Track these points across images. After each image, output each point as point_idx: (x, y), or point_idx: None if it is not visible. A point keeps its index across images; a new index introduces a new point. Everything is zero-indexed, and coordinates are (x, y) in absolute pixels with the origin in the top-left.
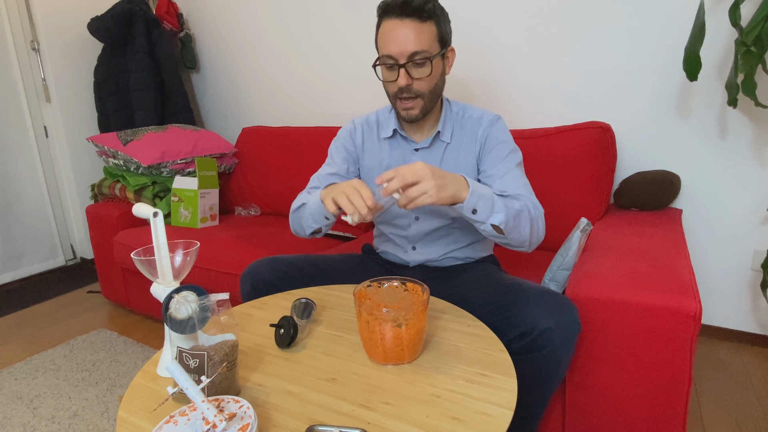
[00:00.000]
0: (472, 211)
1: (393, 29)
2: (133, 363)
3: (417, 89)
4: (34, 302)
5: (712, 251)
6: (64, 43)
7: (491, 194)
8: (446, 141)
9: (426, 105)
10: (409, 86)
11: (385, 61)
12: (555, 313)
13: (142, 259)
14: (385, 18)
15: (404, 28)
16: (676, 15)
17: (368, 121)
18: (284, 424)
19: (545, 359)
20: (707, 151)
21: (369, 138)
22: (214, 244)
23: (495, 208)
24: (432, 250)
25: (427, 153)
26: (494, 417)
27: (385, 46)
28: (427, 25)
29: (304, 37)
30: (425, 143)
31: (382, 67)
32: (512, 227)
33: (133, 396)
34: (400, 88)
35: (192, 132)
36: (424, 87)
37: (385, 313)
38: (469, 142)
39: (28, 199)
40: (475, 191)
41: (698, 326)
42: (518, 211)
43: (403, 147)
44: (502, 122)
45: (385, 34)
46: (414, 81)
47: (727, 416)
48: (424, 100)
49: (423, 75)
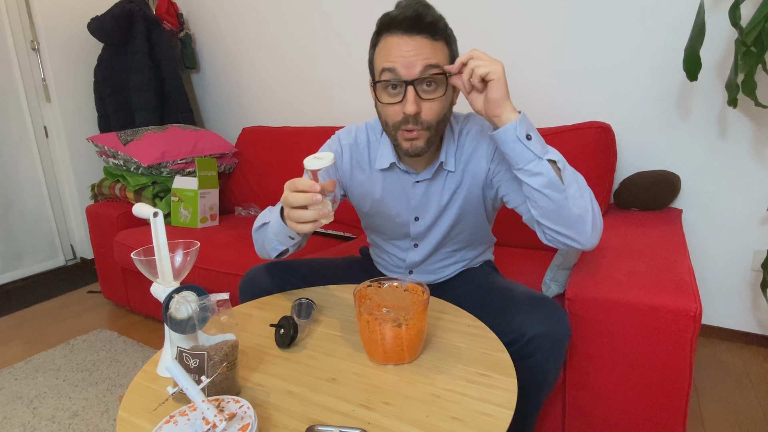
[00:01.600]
0: (527, 136)
1: (399, 44)
2: (133, 363)
3: (425, 119)
4: (34, 302)
5: (712, 251)
6: (64, 43)
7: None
8: (451, 170)
9: (432, 137)
10: (417, 115)
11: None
12: (544, 320)
13: (142, 259)
14: (386, 34)
15: (414, 44)
16: (676, 15)
17: (357, 141)
18: (284, 424)
19: (535, 366)
20: (707, 151)
21: (358, 166)
22: (214, 244)
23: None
24: (429, 275)
25: (430, 183)
26: (494, 417)
27: (388, 58)
28: (440, 45)
29: (305, 36)
30: (427, 174)
31: (380, 88)
32: (570, 175)
33: (133, 396)
34: (405, 117)
35: (192, 132)
36: (433, 116)
37: (386, 313)
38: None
39: (28, 199)
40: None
41: (698, 326)
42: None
43: (402, 179)
44: None
45: (388, 51)
46: (423, 106)
47: (727, 416)
48: (431, 132)
49: (434, 96)
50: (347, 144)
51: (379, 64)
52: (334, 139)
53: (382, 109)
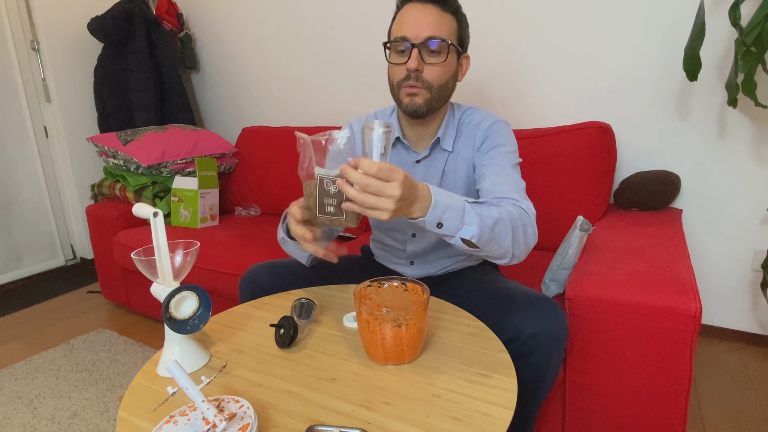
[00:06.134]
0: (437, 224)
1: (412, 11)
2: (133, 363)
3: (426, 78)
4: (34, 302)
5: (712, 251)
6: (64, 43)
7: (462, 204)
8: (448, 150)
9: (432, 100)
10: (418, 72)
11: (397, 43)
12: (542, 318)
13: (142, 259)
14: (405, 4)
15: (424, 11)
16: (676, 15)
17: None
18: (284, 424)
19: (532, 365)
20: (707, 151)
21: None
22: (214, 244)
23: (466, 219)
24: (430, 266)
25: (429, 164)
26: (494, 417)
27: (401, 27)
28: (449, 17)
29: (305, 37)
30: (426, 152)
31: (391, 51)
32: (487, 239)
33: (133, 396)
34: (408, 74)
35: (192, 132)
36: (434, 78)
37: (386, 313)
38: (467, 148)
39: (28, 199)
40: (439, 203)
41: (698, 326)
42: (496, 220)
43: (403, 157)
44: (503, 126)
45: (402, 17)
46: (425, 67)
47: (727, 416)
48: (431, 93)
49: (436, 61)
50: (358, 129)
51: (393, 31)
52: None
53: (390, 69)
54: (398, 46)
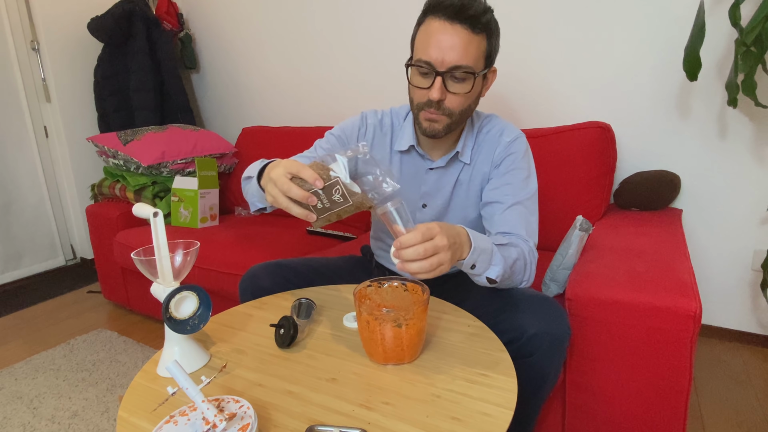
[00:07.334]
0: (471, 266)
1: (438, 32)
2: (133, 363)
3: (448, 107)
4: (34, 302)
5: (712, 251)
6: (64, 43)
7: (491, 247)
8: (466, 162)
9: (452, 124)
10: (440, 101)
11: (420, 65)
12: (544, 318)
13: (142, 259)
14: (431, 15)
15: (452, 34)
16: (676, 15)
17: (382, 123)
18: (284, 424)
19: (534, 365)
20: (707, 151)
21: (380, 145)
22: (214, 244)
23: (493, 260)
24: None
25: (443, 172)
26: (494, 417)
27: (426, 50)
28: (478, 39)
29: (304, 37)
30: (441, 162)
31: (413, 69)
32: (507, 277)
33: (133, 396)
34: (430, 101)
35: (192, 132)
36: (456, 106)
37: (386, 313)
38: (484, 161)
39: (28, 199)
40: (476, 248)
41: (698, 326)
42: (515, 261)
43: (417, 164)
44: (523, 145)
45: (428, 36)
46: (448, 96)
47: (727, 416)
48: (452, 119)
49: (460, 91)
50: (372, 123)
51: (417, 50)
52: (357, 117)
53: (411, 89)
54: (421, 69)
